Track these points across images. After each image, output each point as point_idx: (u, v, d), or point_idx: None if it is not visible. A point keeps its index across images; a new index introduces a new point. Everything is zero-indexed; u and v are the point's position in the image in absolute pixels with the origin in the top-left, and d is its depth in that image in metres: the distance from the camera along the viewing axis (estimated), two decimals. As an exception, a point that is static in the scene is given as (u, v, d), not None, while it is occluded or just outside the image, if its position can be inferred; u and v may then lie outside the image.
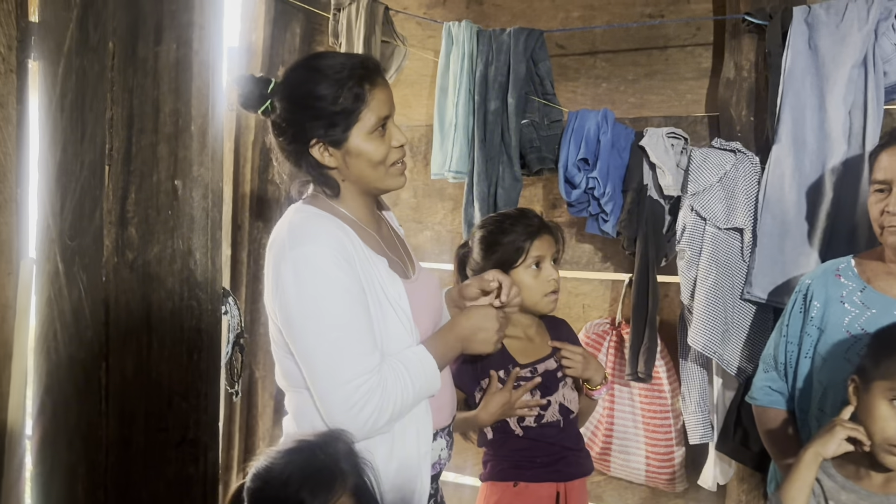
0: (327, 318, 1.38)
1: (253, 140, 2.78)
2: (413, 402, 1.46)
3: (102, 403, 1.17)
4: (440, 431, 1.58)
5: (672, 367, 2.45)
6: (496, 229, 1.90)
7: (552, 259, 1.91)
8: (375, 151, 1.47)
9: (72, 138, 1.19)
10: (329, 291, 1.38)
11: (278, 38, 2.83)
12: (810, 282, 1.79)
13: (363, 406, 1.37)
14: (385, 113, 1.48)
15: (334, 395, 1.38)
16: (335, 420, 1.39)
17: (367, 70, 1.47)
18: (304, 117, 1.46)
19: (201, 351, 1.16)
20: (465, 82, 2.49)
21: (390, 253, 1.57)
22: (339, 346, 1.38)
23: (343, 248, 1.41)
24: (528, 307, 1.89)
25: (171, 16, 1.14)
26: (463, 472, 2.92)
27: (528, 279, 1.87)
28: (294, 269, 1.39)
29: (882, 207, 1.63)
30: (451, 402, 1.65)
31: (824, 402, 1.70)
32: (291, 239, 1.42)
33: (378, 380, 1.38)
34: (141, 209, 1.14)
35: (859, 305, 1.69)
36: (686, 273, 2.24)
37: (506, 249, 1.87)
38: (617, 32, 2.57)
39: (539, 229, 1.88)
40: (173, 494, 1.17)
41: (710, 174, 2.18)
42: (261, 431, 2.89)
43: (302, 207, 1.51)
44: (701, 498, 2.53)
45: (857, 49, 2.00)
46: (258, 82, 1.49)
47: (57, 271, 1.21)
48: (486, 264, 1.87)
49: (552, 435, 1.88)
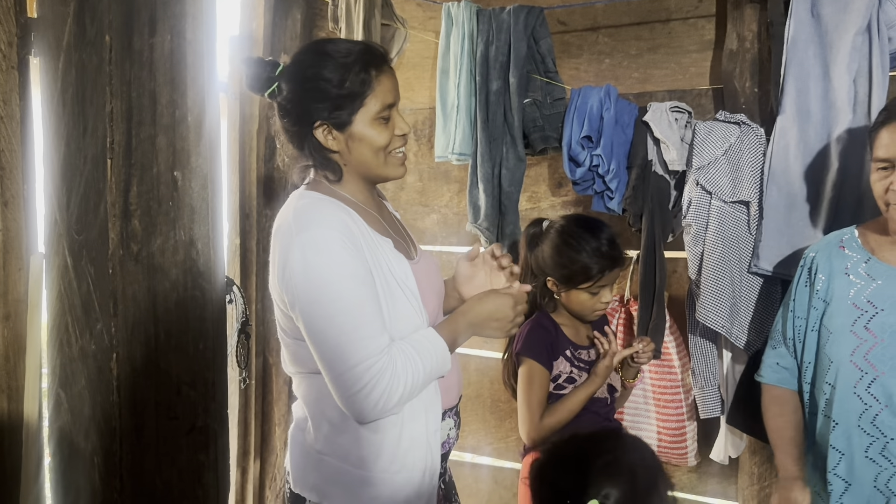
0: (336, 302, 1.39)
1: (258, 129, 2.78)
2: (423, 384, 1.47)
3: (114, 394, 1.20)
4: (448, 411, 1.60)
5: (682, 342, 2.45)
6: (570, 245, 1.99)
7: (613, 283, 2.05)
8: (378, 137, 1.49)
9: (74, 133, 1.20)
10: (337, 275, 1.39)
11: (279, 24, 2.82)
12: (814, 254, 1.78)
13: (373, 387, 1.38)
14: (390, 100, 1.50)
15: (345, 377, 1.39)
16: (345, 402, 1.41)
17: (374, 57, 1.49)
18: (310, 99, 1.47)
19: (207, 340, 1.18)
20: (465, 63, 2.48)
21: (394, 234, 1.59)
22: (348, 328, 1.38)
23: (349, 231, 1.43)
24: (574, 315, 2.07)
25: (164, 7, 1.15)
26: (479, 452, 2.94)
27: (584, 298, 2.01)
28: (302, 253, 1.40)
29: (887, 185, 1.60)
30: (459, 383, 1.67)
31: (832, 377, 1.70)
32: (298, 223, 1.43)
33: (387, 361, 1.39)
34: (143, 201, 1.16)
35: (864, 277, 1.68)
36: (692, 248, 2.23)
37: (574, 269, 1.98)
38: (618, 7, 2.55)
39: (611, 264, 1.98)
40: (185, 481, 1.19)
41: (715, 147, 2.16)
42: (276, 417, 2.92)
43: (305, 193, 1.53)
44: (713, 472, 2.54)
45: (860, 15, 1.97)
46: (266, 65, 1.52)
47: (66, 265, 1.22)
48: (554, 271, 2.02)
49: (600, 409, 2.05)
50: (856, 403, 1.64)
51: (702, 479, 2.58)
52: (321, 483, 1.52)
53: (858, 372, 1.64)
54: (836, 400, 1.67)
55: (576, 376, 2.03)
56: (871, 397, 1.62)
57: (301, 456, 1.58)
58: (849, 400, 1.65)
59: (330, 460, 1.51)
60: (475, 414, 2.92)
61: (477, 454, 2.96)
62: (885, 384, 1.61)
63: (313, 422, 1.54)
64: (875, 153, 1.63)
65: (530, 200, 2.74)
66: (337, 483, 1.51)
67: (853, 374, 1.65)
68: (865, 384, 1.63)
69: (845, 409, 1.66)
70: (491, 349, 2.88)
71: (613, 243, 2.00)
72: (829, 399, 1.70)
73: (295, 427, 1.63)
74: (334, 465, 1.51)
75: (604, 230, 2.01)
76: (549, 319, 2.08)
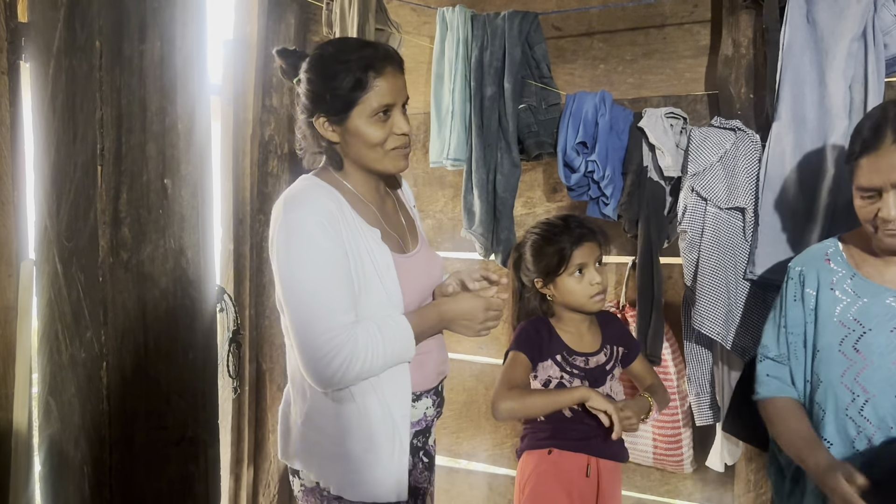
0: (307, 280, 1.52)
1: (251, 133, 2.76)
2: (384, 363, 1.57)
3: (104, 403, 1.19)
4: (426, 392, 1.72)
5: (677, 349, 2.44)
6: (542, 239, 2.06)
7: (596, 262, 2.04)
8: (374, 135, 1.59)
9: (64, 139, 1.19)
10: (312, 253, 1.51)
11: (273, 29, 2.82)
12: (801, 268, 1.75)
13: (333, 357, 1.50)
14: (388, 101, 1.58)
15: (307, 345, 1.52)
16: (307, 368, 1.54)
17: (375, 58, 1.58)
18: (314, 92, 1.60)
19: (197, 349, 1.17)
20: (460, 68, 2.47)
21: (388, 227, 1.69)
22: (315, 301, 1.51)
23: (330, 216, 1.54)
24: (575, 308, 2.06)
25: (154, 13, 1.14)
26: (473, 458, 2.93)
27: (572, 284, 2.02)
28: (286, 232, 1.53)
29: (874, 212, 1.56)
30: (441, 365, 1.77)
31: (822, 397, 1.66)
32: (286, 205, 1.57)
33: (349, 335, 1.51)
34: (133, 209, 1.15)
35: (850, 294, 1.65)
36: (688, 255, 2.22)
37: (550, 258, 2.03)
38: (613, 12, 2.55)
39: (580, 238, 2.02)
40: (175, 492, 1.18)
41: (710, 153, 2.16)
42: (270, 423, 2.90)
43: (307, 177, 1.66)
44: (709, 479, 2.53)
45: (856, 21, 1.96)
46: (297, 56, 1.67)
47: (56, 272, 1.21)
48: (536, 270, 2.06)
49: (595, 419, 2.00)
50: (849, 426, 1.61)
51: (698, 486, 2.57)
52: (304, 454, 1.67)
53: (850, 394, 1.61)
54: (828, 421, 1.64)
55: (566, 382, 2.02)
56: (864, 420, 1.59)
57: (285, 429, 1.75)
58: (842, 422, 1.62)
59: (308, 433, 1.65)
60: (470, 420, 2.91)
61: (472, 461, 2.95)
62: (877, 406, 1.58)
63: (293, 394, 1.70)
64: (857, 182, 1.58)
65: (525, 206, 2.74)
66: (315, 454, 1.65)
67: (845, 397, 1.61)
68: (858, 407, 1.60)
69: (839, 431, 1.62)
70: (486, 355, 2.87)
71: (580, 221, 2.06)
72: (821, 420, 1.66)
73: (283, 402, 1.78)
74: (313, 437, 1.65)
75: (566, 218, 2.09)
76: (544, 322, 2.08)
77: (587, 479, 2.00)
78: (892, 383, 1.56)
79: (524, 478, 2.06)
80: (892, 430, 1.56)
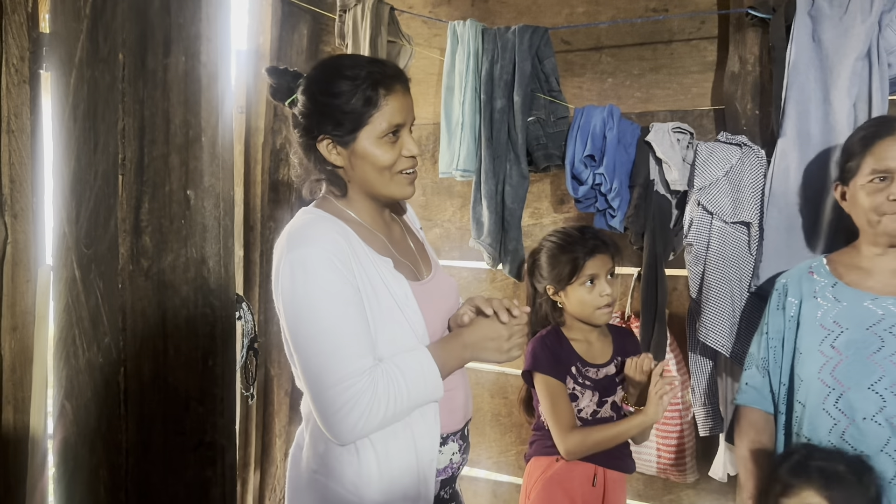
0: (318, 322, 1.38)
1: (263, 142, 2.80)
2: (409, 407, 1.44)
3: (121, 407, 1.20)
4: (452, 435, 1.57)
5: (682, 360, 2.46)
6: (556, 247, 2.09)
7: (608, 274, 2.06)
8: (382, 157, 1.47)
9: (85, 148, 1.21)
10: (320, 294, 1.38)
11: (286, 39, 2.85)
12: (785, 281, 1.86)
13: (351, 409, 1.36)
14: (398, 121, 1.47)
15: (322, 396, 1.38)
16: (324, 423, 1.40)
17: (384, 76, 1.47)
18: (317, 112, 1.48)
19: (216, 356, 1.18)
20: (470, 81, 2.50)
21: (399, 254, 1.57)
22: (328, 348, 1.37)
23: (339, 251, 1.41)
24: (583, 319, 2.08)
25: (179, 28, 1.16)
26: (478, 465, 2.95)
27: (582, 294, 2.05)
28: (291, 271, 1.40)
29: (886, 196, 1.67)
30: (466, 405, 1.63)
31: (803, 395, 1.74)
32: (290, 241, 1.44)
33: (368, 382, 1.37)
34: (154, 218, 1.17)
35: (831, 300, 1.75)
36: (693, 268, 2.25)
37: (563, 267, 2.05)
38: (622, 27, 2.58)
39: (594, 249, 2.04)
40: (192, 497, 1.20)
41: (716, 168, 2.18)
42: (277, 428, 2.93)
43: (308, 210, 1.54)
44: (712, 489, 2.54)
45: (860, 41, 1.99)
46: (289, 75, 1.54)
47: (74, 278, 1.23)
48: (549, 277, 2.09)
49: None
50: (825, 419, 1.68)
51: (700, 495, 2.58)
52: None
53: (826, 388, 1.69)
54: (807, 417, 1.72)
55: (578, 393, 2.04)
56: (838, 412, 1.66)
57: (296, 476, 1.57)
58: (818, 416, 1.70)
59: (322, 480, 1.49)
60: (475, 428, 2.92)
61: (476, 468, 2.96)
62: (851, 399, 1.65)
63: (310, 439, 1.53)
64: (872, 165, 1.68)
65: (533, 217, 2.76)
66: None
67: (821, 391, 1.69)
68: (833, 400, 1.67)
69: (815, 426, 1.70)
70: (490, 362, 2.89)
71: (595, 233, 2.09)
72: (799, 417, 1.75)
73: (295, 445, 1.62)
74: (327, 485, 1.48)
75: (581, 228, 2.12)
76: (556, 333, 2.10)
77: (593, 488, 2.03)
78: (866, 375, 1.64)
79: (531, 483, 2.08)
80: (864, 420, 1.63)
